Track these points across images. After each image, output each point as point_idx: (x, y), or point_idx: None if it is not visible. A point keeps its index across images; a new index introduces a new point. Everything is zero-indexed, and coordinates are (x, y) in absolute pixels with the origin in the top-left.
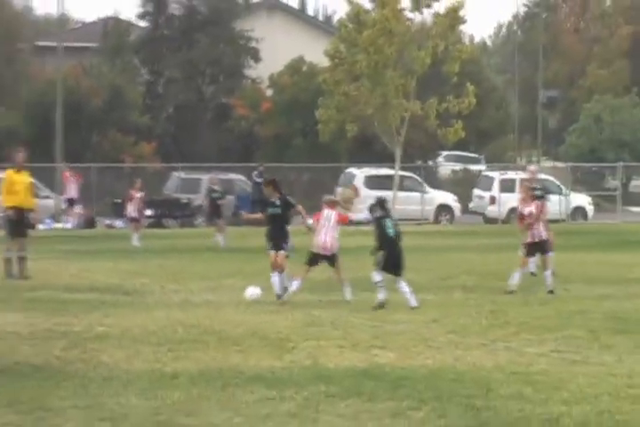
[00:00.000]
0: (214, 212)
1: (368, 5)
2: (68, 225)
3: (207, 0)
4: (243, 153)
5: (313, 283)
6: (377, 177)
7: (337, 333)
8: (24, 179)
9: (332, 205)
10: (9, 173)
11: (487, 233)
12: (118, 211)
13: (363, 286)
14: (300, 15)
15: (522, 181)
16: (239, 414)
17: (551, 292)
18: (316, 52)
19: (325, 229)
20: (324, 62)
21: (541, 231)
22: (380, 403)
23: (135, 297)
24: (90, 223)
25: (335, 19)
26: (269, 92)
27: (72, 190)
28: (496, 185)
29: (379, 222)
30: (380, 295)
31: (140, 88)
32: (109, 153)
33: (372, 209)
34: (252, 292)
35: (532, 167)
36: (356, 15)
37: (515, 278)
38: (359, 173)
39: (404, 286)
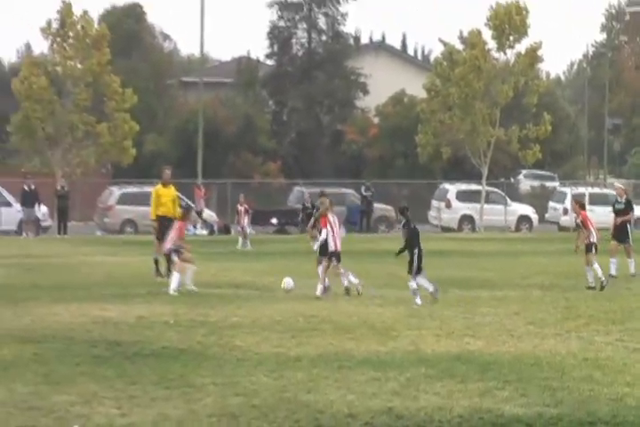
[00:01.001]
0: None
1: (460, 46)
2: (204, 232)
3: (324, 42)
4: (353, 171)
5: None
6: (467, 192)
7: (434, 323)
8: (170, 192)
9: (331, 210)
10: (157, 188)
11: (561, 240)
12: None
13: (455, 285)
14: (401, 54)
15: (573, 196)
16: (351, 392)
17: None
18: (415, 86)
19: (334, 232)
20: (422, 94)
21: (593, 235)
22: (470, 384)
23: (264, 292)
24: (226, 230)
25: (432, 57)
26: (376, 120)
27: (200, 204)
28: (568, 198)
29: (414, 230)
30: (418, 300)
31: (268, 116)
32: (242, 171)
33: (402, 214)
34: (288, 283)
35: (617, 184)
36: (450, 54)
37: (590, 275)
38: (452, 189)
39: (425, 282)
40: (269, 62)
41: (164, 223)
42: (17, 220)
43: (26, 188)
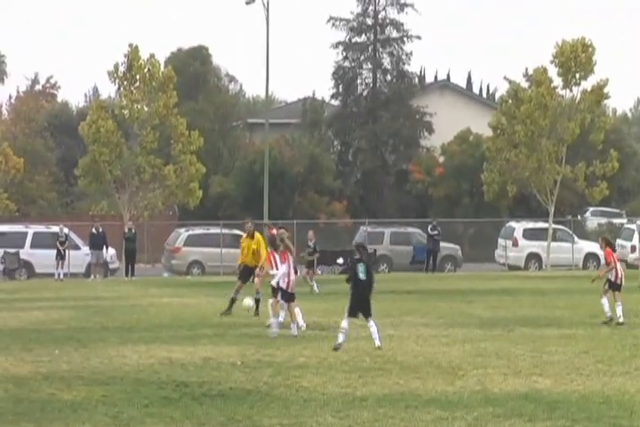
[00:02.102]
0: (309, 264)
1: (525, 84)
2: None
3: (389, 82)
4: (419, 210)
5: (480, 320)
6: (533, 230)
7: (501, 362)
8: (249, 243)
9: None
10: (243, 239)
11: (629, 277)
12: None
13: (522, 323)
14: (466, 92)
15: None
16: None
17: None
18: (480, 124)
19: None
20: (488, 133)
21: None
22: (538, 422)
23: (329, 332)
24: (294, 270)
25: (497, 95)
26: (441, 159)
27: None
28: (636, 236)
29: (353, 266)
30: (340, 338)
31: (333, 156)
32: (308, 211)
33: (357, 250)
34: (247, 302)
35: None
36: (515, 92)
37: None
38: (518, 227)
39: (372, 326)
40: (334, 102)
41: (246, 270)
42: (85, 262)
43: (94, 230)
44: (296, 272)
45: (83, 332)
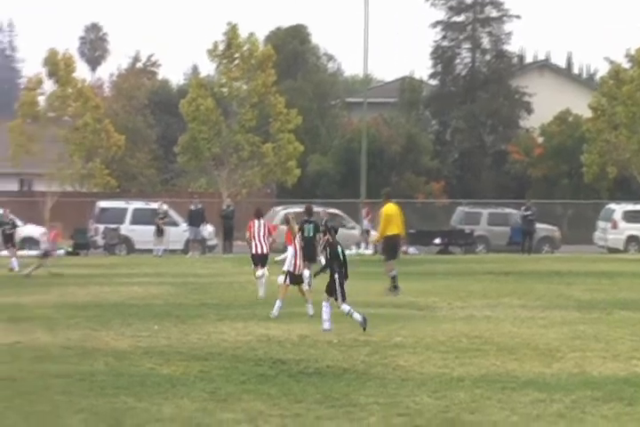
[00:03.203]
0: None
1: (626, 65)
2: (368, 251)
3: (488, 61)
4: (517, 191)
5: (579, 302)
6: (633, 212)
7: (600, 345)
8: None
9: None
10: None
11: None
12: (412, 240)
13: (621, 306)
14: (566, 73)
15: None
16: (515, 413)
17: None
18: (580, 105)
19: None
20: (588, 114)
21: None
22: (639, 406)
23: (426, 312)
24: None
25: (597, 76)
26: (540, 140)
27: (366, 224)
28: None
29: (331, 249)
30: (326, 325)
31: (431, 136)
32: (405, 190)
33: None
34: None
35: None
36: (616, 73)
37: None
38: (618, 209)
39: (327, 307)
40: (433, 82)
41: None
42: (184, 239)
43: (192, 207)
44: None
45: (181, 308)
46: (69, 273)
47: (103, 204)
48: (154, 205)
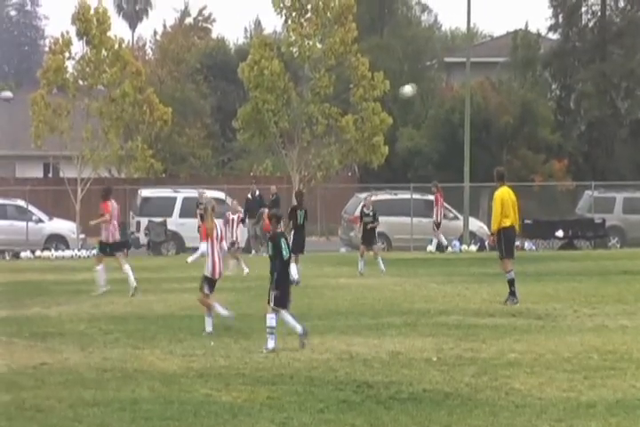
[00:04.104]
0: (366, 237)
1: None
2: (473, 248)
3: (621, 9)
4: None
5: None
6: None
7: None
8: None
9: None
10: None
11: None
12: (529, 232)
13: None
14: None
15: None
16: None
17: None
18: None
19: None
20: None
21: None
22: None
23: (547, 321)
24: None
25: None
26: None
27: (437, 215)
28: None
29: (276, 242)
30: (270, 344)
31: (551, 104)
32: (519, 172)
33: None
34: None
35: None
36: None
37: None
38: None
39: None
40: (553, 36)
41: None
42: (244, 235)
43: (249, 195)
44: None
45: (244, 319)
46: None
47: (146, 192)
48: (212, 194)
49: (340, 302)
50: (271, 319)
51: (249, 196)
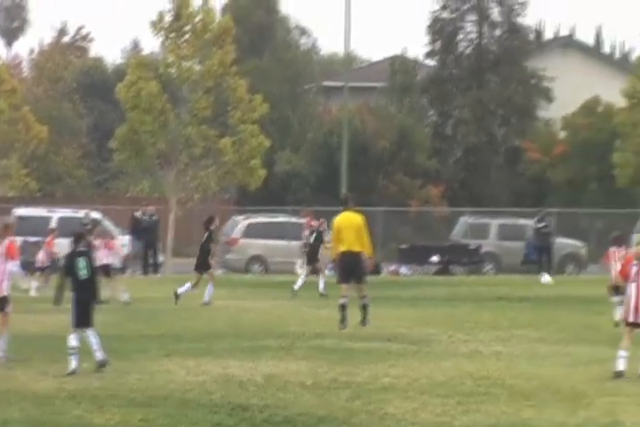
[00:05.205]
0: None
1: None
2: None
3: (498, 38)
4: (534, 197)
5: (611, 335)
6: None
7: (636, 389)
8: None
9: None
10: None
11: None
12: (404, 257)
13: None
14: (595, 53)
15: None
16: None
17: None
18: (612, 92)
19: None
20: (621, 102)
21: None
22: None
23: (422, 346)
24: (374, 269)
25: (633, 56)
26: (562, 135)
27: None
28: None
29: (71, 261)
30: (72, 364)
31: (428, 130)
32: (396, 196)
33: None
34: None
35: None
36: None
37: None
38: None
39: (91, 336)
40: (430, 62)
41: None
42: (122, 255)
43: (139, 215)
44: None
45: (118, 341)
46: None
47: (20, 211)
48: (81, 214)
49: (216, 324)
50: (71, 340)
51: (137, 215)
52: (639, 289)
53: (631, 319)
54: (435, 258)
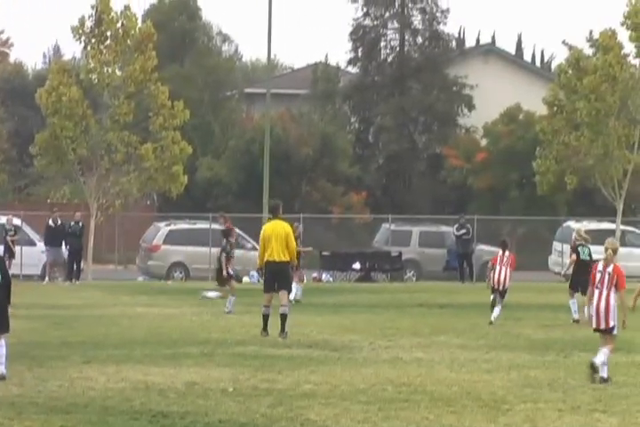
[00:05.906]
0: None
1: (589, 51)
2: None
3: (419, 45)
4: (456, 204)
5: (530, 342)
6: (597, 231)
7: (555, 395)
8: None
9: None
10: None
11: None
12: (326, 263)
13: (581, 346)
14: (516, 60)
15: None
16: None
17: None
18: (533, 100)
19: None
20: (542, 110)
21: None
22: None
23: (343, 353)
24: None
25: (553, 64)
26: (484, 142)
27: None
28: None
29: None
30: None
31: (350, 137)
32: (318, 203)
33: None
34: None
35: None
36: (577, 61)
37: None
38: (578, 227)
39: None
40: (352, 70)
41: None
42: (42, 262)
43: (51, 223)
44: None
45: (38, 348)
46: None
47: None
48: (2, 220)
49: (136, 331)
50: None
51: (50, 223)
52: (601, 296)
53: (594, 326)
54: (357, 265)
